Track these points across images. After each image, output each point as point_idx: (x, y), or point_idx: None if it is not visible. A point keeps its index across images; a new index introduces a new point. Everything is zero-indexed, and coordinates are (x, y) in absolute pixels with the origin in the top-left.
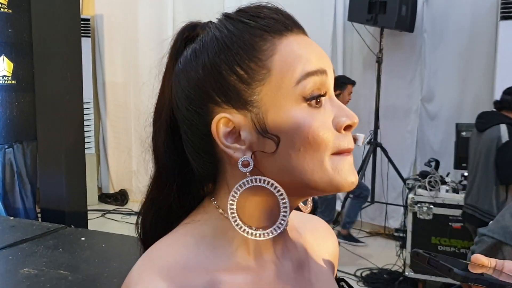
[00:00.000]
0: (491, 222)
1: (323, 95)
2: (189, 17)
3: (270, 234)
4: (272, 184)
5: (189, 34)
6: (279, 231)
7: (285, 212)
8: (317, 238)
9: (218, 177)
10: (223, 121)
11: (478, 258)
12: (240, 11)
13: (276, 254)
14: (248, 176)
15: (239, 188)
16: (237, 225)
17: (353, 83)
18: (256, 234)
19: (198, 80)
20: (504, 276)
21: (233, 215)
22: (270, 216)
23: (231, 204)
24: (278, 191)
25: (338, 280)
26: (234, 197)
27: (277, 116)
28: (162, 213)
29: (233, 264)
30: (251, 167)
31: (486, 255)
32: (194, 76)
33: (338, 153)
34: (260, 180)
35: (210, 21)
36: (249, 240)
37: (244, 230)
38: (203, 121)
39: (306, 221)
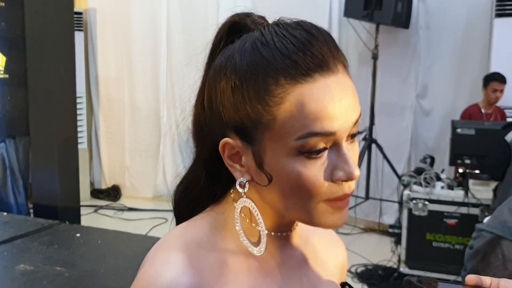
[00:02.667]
0: (489, 217)
1: (323, 150)
2: (183, 10)
3: (256, 253)
4: (256, 211)
5: (233, 27)
6: (260, 253)
7: (264, 238)
8: (325, 245)
9: None
10: (228, 145)
11: (472, 279)
12: (273, 31)
13: (281, 252)
14: (243, 196)
15: (237, 206)
16: (240, 235)
17: (498, 79)
18: (250, 247)
19: (216, 102)
20: None
21: (239, 230)
22: (281, 221)
23: (236, 219)
24: (258, 218)
25: (343, 285)
26: (237, 213)
27: (273, 159)
28: (192, 196)
29: (240, 250)
30: (246, 189)
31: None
32: (214, 94)
33: (330, 200)
34: (247, 202)
35: (254, 19)
36: (255, 235)
37: (244, 240)
38: (217, 135)
39: (316, 228)
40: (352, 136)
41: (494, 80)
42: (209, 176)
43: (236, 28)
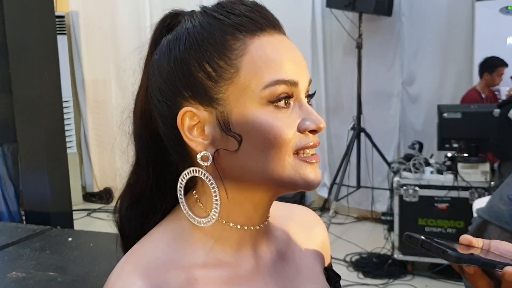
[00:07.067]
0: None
1: (291, 97)
2: (166, 10)
3: (204, 223)
4: (209, 179)
5: (170, 22)
6: (210, 223)
7: (216, 206)
8: (304, 228)
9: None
10: (188, 114)
11: (467, 238)
12: (218, 5)
13: (256, 248)
14: (204, 168)
15: (183, 178)
16: (186, 212)
17: (505, 64)
18: (199, 221)
19: (169, 74)
20: (491, 255)
21: (183, 205)
22: (254, 212)
23: (180, 193)
24: (213, 187)
25: (326, 269)
26: (181, 185)
27: (241, 115)
28: (137, 200)
29: (210, 259)
30: (209, 162)
31: (474, 234)
32: (165, 69)
33: (297, 151)
34: (197, 171)
35: (194, 11)
36: (226, 234)
37: (190, 216)
38: (171, 113)
39: (291, 211)
40: (308, 96)
41: (502, 65)
42: (159, 178)
43: (172, 24)
